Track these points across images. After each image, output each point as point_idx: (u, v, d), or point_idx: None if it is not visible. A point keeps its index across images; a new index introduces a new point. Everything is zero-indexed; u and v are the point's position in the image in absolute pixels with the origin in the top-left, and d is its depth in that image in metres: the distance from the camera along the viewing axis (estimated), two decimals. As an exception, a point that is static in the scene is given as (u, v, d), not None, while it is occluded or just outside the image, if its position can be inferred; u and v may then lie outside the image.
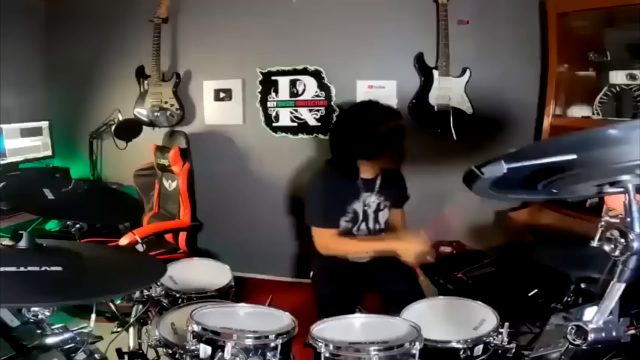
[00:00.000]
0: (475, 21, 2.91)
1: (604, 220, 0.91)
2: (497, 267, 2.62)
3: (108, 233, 2.99)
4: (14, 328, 1.24)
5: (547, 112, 2.65)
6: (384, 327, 1.38)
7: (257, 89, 3.31)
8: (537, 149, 0.95)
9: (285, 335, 1.31)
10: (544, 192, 0.97)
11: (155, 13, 3.25)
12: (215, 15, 3.30)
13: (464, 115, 2.92)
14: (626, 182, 0.86)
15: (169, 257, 2.71)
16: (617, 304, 0.91)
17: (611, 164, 0.80)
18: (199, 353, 1.28)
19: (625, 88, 2.38)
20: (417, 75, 2.99)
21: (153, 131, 3.40)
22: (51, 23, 3.67)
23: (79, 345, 1.21)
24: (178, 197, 3.11)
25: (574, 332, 0.94)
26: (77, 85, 3.64)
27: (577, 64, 2.66)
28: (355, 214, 2.11)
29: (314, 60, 3.18)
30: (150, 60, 3.30)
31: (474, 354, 1.36)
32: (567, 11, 2.50)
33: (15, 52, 3.36)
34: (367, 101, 2.16)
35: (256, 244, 3.43)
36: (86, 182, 1.72)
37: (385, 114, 2.05)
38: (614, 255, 0.88)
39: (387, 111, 2.08)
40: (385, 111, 2.07)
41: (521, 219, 2.74)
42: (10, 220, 2.71)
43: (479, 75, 2.92)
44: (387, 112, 2.07)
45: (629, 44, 2.42)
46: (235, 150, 3.45)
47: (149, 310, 1.74)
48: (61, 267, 1.10)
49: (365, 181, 2.12)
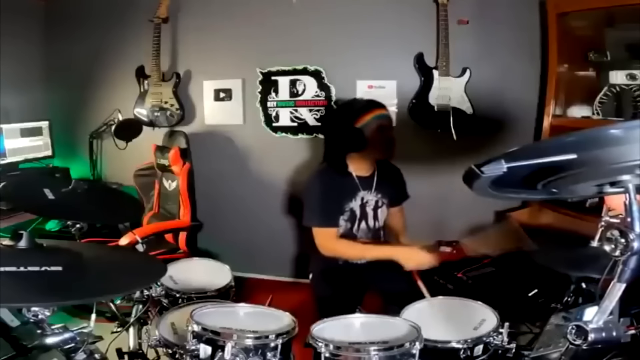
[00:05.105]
0: (475, 21, 2.91)
1: (604, 220, 0.91)
2: (497, 267, 2.62)
3: (108, 233, 2.99)
4: (14, 328, 1.24)
5: (547, 112, 2.65)
6: (384, 327, 1.38)
7: (257, 89, 3.31)
8: (537, 149, 0.95)
9: (285, 335, 1.31)
10: (543, 192, 0.97)
11: (155, 13, 3.25)
12: (216, 15, 3.30)
13: (464, 115, 2.92)
14: (626, 182, 0.86)
15: (169, 257, 2.71)
16: (617, 304, 0.91)
17: (611, 164, 0.80)
18: (199, 353, 1.28)
19: (625, 88, 2.38)
20: (417, 75, 2.99)
21: (153, 131, 3.41)
22: (51, 23, 3.67)
23: (79, 345, 1.21)
24: (178, 197, 3.11)
25: (574, 332, 0.93)
26: (77, 85, 3.64)
27: (577, 64, 2.66)
28: (353, 213, 2.11)
29: (314, 60, 3.18)
30: (150, 60, 3.30)
31: (474, 354, 1.36)
32: (567, 11, 2.50)
33: (15, 52, 3.36)
34: (352, 99, 2.22)
35: (256, 244, 3.43)
36: (86, 182, 1.72)
37: (365, 106, 2.07)
38: (614, 255, 0.88)
39: (367, 103, 2.10)
40: (365, 104, 2.10)
41: (521, 219, 2.73)
42: (10, 220, 2.71)
43: (479, 75, 2.92)
44: (367, 105, 2.09)
45: (629, 44, 2.42)
46: (235, 150, 3.45)
47: (149, 310, 1.74)
48: (61, 267, 1.10)
49: (361, 178, 2.12)
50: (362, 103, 2.11)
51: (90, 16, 3.54)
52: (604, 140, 0.74)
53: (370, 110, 2.05)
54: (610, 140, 0.74)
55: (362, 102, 2.12)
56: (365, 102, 2.11)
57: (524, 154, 0.82)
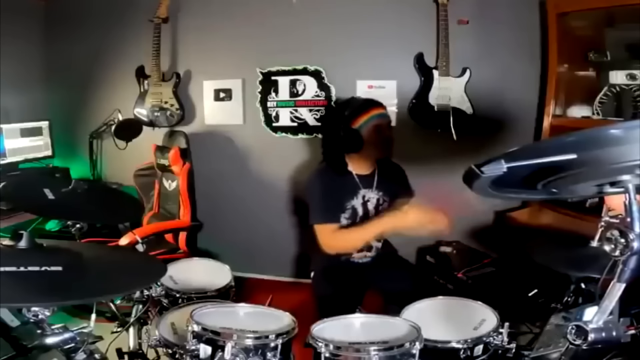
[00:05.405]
0: (475, 21, 2.91)
1: (604, 220, 0.91)
2: (497, 267, 2.62)
3: (108, 233, 2.99)
4: (14, 328, 1.24)
5: (547, 112, 2.65)
6: (384, 327, 1.38)
7: (257, 89, 3.31)
8: (537, 149, 0.95)
9: (285, 335, 1.31)
10: (543, 192, 0.97)
11: (155, 13, 3.25)
12: (216, 15, 3.30)
13: (464, 115, 2.92)
14: (626, 182, 0.86)
15: (169, 257, 2.71)
16: (617, 304, 0.91)
17: (611, 164, 0.80)
18: (199, 353, 1.28)
19: (625, 88, 2.38)
20: (417, 75, 2.99)
21: (153, 131, 3.40)
22: (51, 23, 3.67)
23: (79, 345, 1.21)
24: (178, 197, 3.11)
25: (574, 332, 0.93)
26: (77, 85, 3.64)
27: (577, 64, 2.66)
28: (355, 210, 2.11)
29: (314, 60, 3.18)
30: (150, 60, 3.30)
31: (474, 354, 1.36)
32: (567, 11, 2.50)
33: (15, 52, 3.36)
34: (350, 97, 2.20)
35: (256, 244, 3.43)
36: (86, 182, 1.72)
37: (361, 106, 2.07)
38: (614, 255, 0.88)
39: (364, 103, 2.09)
40: (362, 103, 2.09)
41: (521, 219, 2.74)
42: (10, 220, 2.71)
43: (479, 75, 2.92)
44: (363, 104, 2.08)
45: (629, 44, 2.42)
46: (235, 150, 3.45)
47: (149, 310, 1.75)
48: (61, 267, 1.10)
49: (361, 177, 2.12)
50: (359, 103, 2.11)
51: (90, 16, 3.54)
52: (604, 140, 0.74)
53: (366, 110, 2.05)
54: (610, 140, 0.74)
55: (359, 102, 2.12)
56: (362, 102, 2.11)
57: (524, 154, 0.82)
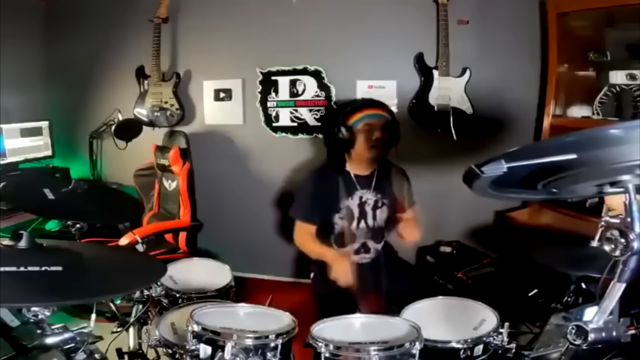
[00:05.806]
0: (475, 21, 2.90)
1: (604, 220, 0.91)
2: (497, 267, 2.62)
3: (108, 233, 2.99)
4: (14, 328, 1.24)
5: (547, 112, 2.65)
6: (384, 327, 1.38)
7: (257, 89, 3.31)
8: (537, 149, 0.95)
9: (285, 335, 1.31)
10: (543, 192, 0.97)
11: (155, 13, 3.25)
12: (216, 15, 3.30)
13: (464, 115, 2.92)
14: (626, 182, 0.86)
15: (169, 257, 2.71)
16: (617, 304, 0.91)
17: (611, 164, 0.80)
18: (199, 353, 1.28)
19: (625, 88, 2.38)
20: (417, 75, 2.99)
21: (153, 131, 3.40)
22: (51, 23, 3.67)
23: (79, 345, 1.21)
24: (178, 197, 3.11)
25: (574, 332, 0.94)
26: (77, 85, 3.64)
27: (577, 64, 2.66)
28: (350, 211, 2.11)
29: (314, 60, 3.18)
30: (150, 60, 3.30)
31: (474, 354, 1.36)
32: (567, 11, 2.50)
33: (15, 52, 3.36)
34: (353, 99, 2.27)
35: (256, 244, 3.43)
36: (86, 182, 1.72)
37: (356, 106, 2.08)
38: (614, 255, 0.88)
39: (361, 103, 2.11)
40: (359, 103, 2.11)
41: (521, 219, 2.74)
42: (10, 220, 2.71)
43: (479, 75, 2.91)
44: (359, 104, 2.10)
45: (629, 44, 2.41)
46: (235, 150, 3.45)
47: (149, 310, 1.75)
48: (61, 267, 1.10)
49: (359, 177, 2.13)
50: (357, 103, 2.13)
51: (90, 16, 3.54)
52: (604, 140, 0.74)
53: (360, 109, 2.06)
54: (610, 140, 0.74)
55: (357, 102, 2.14)
56: (359, 102, 2.13)
57: (524, 154, 0.82)
